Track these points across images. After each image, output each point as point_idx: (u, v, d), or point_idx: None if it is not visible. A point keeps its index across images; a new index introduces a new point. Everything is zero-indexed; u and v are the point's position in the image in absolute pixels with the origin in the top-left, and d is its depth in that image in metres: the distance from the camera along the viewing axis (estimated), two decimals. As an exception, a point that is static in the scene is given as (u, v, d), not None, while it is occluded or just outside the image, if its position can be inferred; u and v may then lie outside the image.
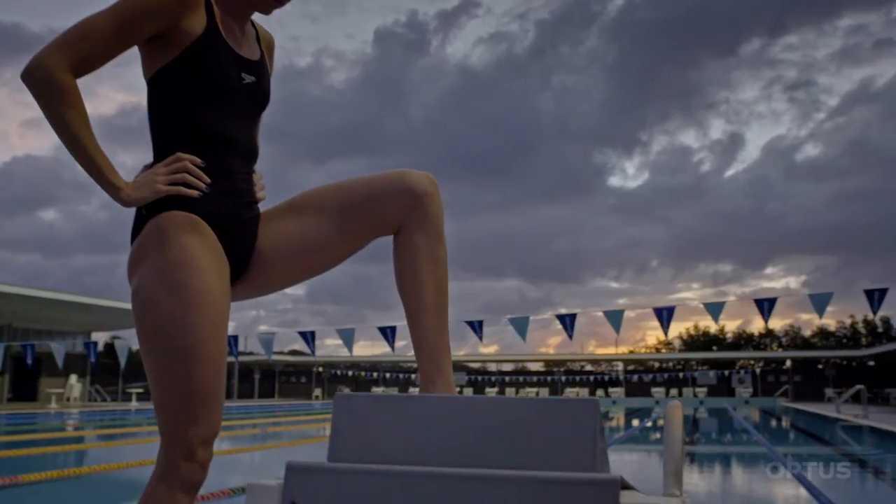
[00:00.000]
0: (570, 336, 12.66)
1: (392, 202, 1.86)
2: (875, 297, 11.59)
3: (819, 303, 12.06)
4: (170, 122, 1.82)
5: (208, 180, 1.77)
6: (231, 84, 1.82)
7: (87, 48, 1.67)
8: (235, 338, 20.09)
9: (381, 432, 1.10)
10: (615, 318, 13.05)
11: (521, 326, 13.88)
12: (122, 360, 18.88)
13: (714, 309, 12.47)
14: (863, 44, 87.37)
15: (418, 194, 1.85)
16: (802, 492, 6.57)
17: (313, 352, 16.75)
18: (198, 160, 1.77)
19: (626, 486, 1.03)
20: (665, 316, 12.17)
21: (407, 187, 1.85)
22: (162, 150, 1.81)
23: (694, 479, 7.47)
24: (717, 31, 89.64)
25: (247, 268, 1.88)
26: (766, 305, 12.05)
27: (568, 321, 13.04)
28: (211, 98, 1.79)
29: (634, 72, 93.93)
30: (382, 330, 15.01)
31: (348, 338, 15.65)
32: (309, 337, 16.17)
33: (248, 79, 1.86)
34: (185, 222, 1.73)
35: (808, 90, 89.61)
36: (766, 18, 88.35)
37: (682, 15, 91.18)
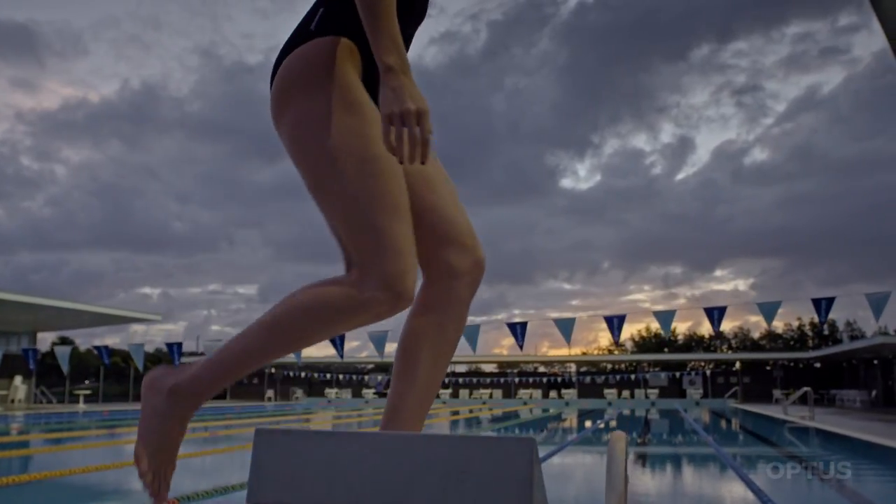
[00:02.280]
0: (521, 346, 12.66)
1: (439, 253, 1.80)
2: (822, 306, 11.82)
3: (768, 312, 12.25)
4: None
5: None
6: None
7: None
8: (180, 345, 19.77)
9: (304, 470, 1.03)
10: (566, 326, 13.12)
11: (471, 335, 13.87)
12: (65, 367, 18.25)
13: (665, 319, 12.59)
14: (809, 51, 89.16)
15: (454, 272, 1.81)
16: (748, 493, 6.64)
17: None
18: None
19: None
20: (616, 323, 12.26)
21: (449, 260, 1.80)
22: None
23: (645, 479, 7.50)
24: (667, 35, 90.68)
25: None
26: (715, 315, 12.22)
27: (519, 330, 13.02)
28: None
29: (586, 74, 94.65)
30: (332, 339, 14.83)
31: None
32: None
33: None
34: (355, 60, 1.70)
35: (757, 96, 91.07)
36: (715, 24, 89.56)
37: (633, 19, 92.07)
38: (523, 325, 13.11)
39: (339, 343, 14.88)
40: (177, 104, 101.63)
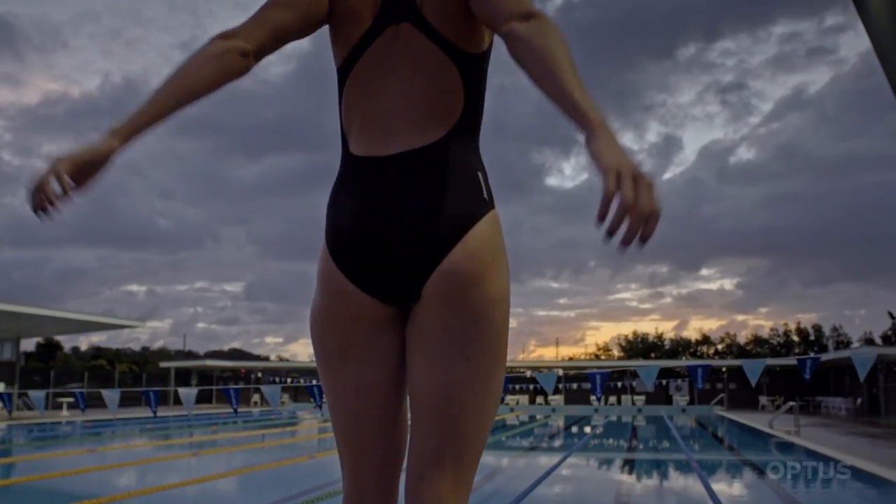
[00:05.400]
0: (503, 398, 12.64)
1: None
2: (807, 365, 11.85)
3: (752, 369, 12.28)
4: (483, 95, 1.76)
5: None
6: None
7: None
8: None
9: None
10: (548, 380, 13.18)
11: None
12: (40, 409, 18.06)
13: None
14: (796, 51, 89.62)
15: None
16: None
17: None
18: None
19: None
20: (598, 380, 12.24)
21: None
22: (473, 122, 1.72)
23: (624, 493, 7.50)
24: (654, 34, 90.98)
25: None
26: (699, 371, 12.24)
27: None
28: None
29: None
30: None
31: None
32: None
33: None
34: None
35: (743, 95, 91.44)
36: (702, 23, 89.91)
37: (619, 17, 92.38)
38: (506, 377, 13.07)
39: (317, 396, 14.80)
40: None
